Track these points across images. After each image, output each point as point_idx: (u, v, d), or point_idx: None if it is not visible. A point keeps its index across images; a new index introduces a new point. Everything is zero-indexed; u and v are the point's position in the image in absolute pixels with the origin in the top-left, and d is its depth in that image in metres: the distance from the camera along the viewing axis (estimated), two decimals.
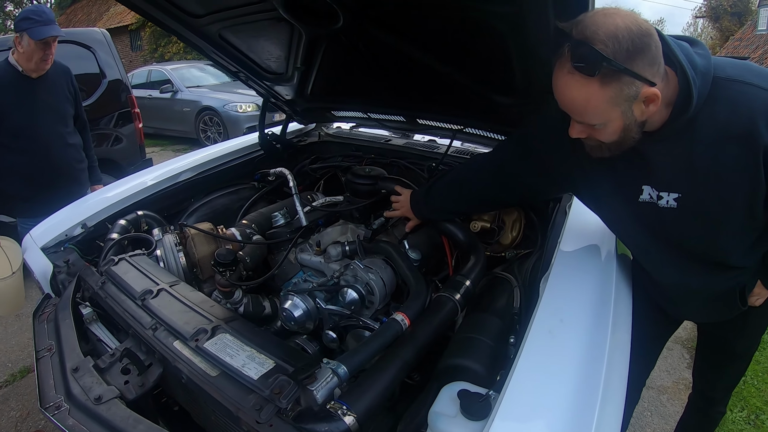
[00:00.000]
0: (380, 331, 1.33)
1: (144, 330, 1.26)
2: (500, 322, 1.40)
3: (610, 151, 1.17)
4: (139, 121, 4.52)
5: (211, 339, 1.18)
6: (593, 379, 1.06)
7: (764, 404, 3.16)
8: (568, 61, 1.00)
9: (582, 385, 1.05)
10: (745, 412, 3.07)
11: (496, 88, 1.78)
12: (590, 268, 1.52)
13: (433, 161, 2.47)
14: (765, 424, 2.99)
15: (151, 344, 1.22)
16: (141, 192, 2.14)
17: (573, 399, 1.01)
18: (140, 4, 1.73)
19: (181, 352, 1.17)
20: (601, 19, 0.97)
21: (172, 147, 9.14)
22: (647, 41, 0.98)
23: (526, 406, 0.99)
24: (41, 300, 1.60)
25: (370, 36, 1.67)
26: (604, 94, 1.01)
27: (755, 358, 3.60)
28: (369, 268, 1.64)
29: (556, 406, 0.99)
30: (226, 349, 1.15)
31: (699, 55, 1.08)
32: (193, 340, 1.18)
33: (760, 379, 3.39)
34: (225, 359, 1.12)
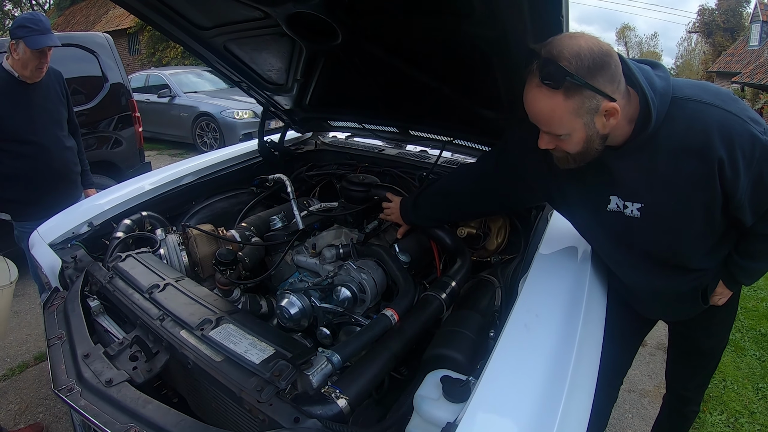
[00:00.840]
0: (371, 325, 1.43)
1: (152, 320, 1.35)
2: (481, 318, 1.51)
3: (575, 162, 1.28)
4: (139, 124, 4.60)
5: (216, 328, 1.29)
6: (563, 368, 1.17)
7: (743, 408, 3.26)
8: (536, 76, 1.12)
9: (553, 373, 1.15)
10: (724, 415, 3.17)
11: (482, 103, 1.90)
12: (565, 269, 1.65)
13: (424, 170, 2.59)
14: (744, 427, 3.09)
15: (159, 333, 1.32)
16: (145, 194, 2.23)
17: (544, 384, 1.11)
18: (152, 16, 1.84)
19: (187, 340, 1.27)
20: (567, 41, 1.10)
21: (169, 151, 9.21)
22: (607, 60, 1.10)
23: (501, 391, 1.09)
24: (50, 292, 1.68)
25: (366, 52, 1.79)
26: (567, 105, 1.12)
27: (736, 363, 3.75)
28: (361, 268, 1.75)
29: (528, 391, 1.09)
30: (229, 338, 1.25)
31: (659, 77, 1.21)
32: (199, 329, 1.29)
33: (740, 384, 3.50)
34: (229, 346, 1.22)
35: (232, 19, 1.83)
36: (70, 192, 2.75)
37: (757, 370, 3.72)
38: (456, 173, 1.98)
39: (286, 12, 1.64)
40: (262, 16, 1.71)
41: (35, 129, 2.56)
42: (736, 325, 4.27)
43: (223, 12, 1.81)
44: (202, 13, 1.85)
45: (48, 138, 2.62)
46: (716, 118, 1.17)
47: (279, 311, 1.77)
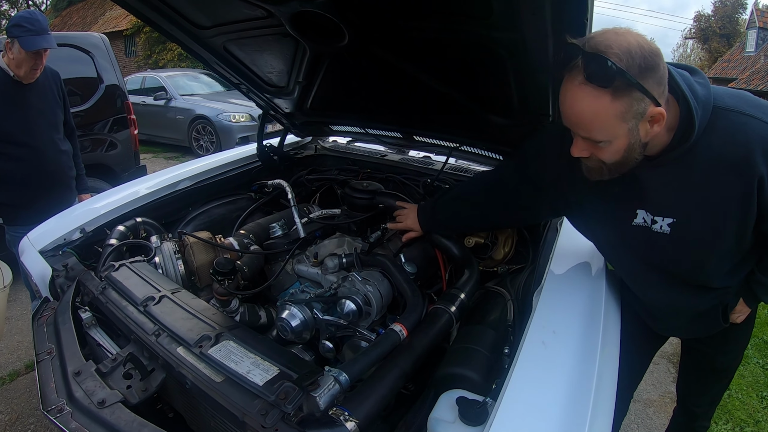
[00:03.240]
0: (379, 341, 1.36)
1: (147, 336, 1.28)
2: (495, 334, 1.45)
3: (609, 173, 1.19)
4: (134, 127, 4.52)
5: (216, 346, 1.21)
6: (585, 389, 1.12)
7: (748, 417, 3.24)
8: (580, 73, 1.01)
9: (574, 394, 1.10)
10: (729, 424, 3.14)
11: (493, 109, 1.84)
12: (580, 283, 1.60)
13: (428, 177, 2.53)
14: None
15: (155, 350, 1.24)
16: (140, 199, 2.16)
17: (566, 407, 1.06)
18: (149, 14, 1.77)
19: (185, 358, 1.20)
20: (613, 36, 1.00)
21: (164, 154, 9.13)
22: (657, 61, 1.01)
23: (522, 413, 1.04)
24: (40, 303, 1.61)
25: (373, 54, 1.72)
26: (614, 108, 1.02)
27: (740, 372, 3.71)
28: (367, 280, 1.67)
29: (550, 414, 1.04)
30: (230, 356, 1.18)
31: (699, 84, 1.13)
32: (197, 346, 1.21)
33: (744, 392, 3.48)
34: (230, 365, 1.15)
35: (233, 18, 1.76)
36: (64, 196, 2.67)
37: (761, 378, 3.71)
38: (475, 178, 1.91)
39: (291, 11, 1.57)
40: (265, 14, 1.65)
41: (30, 131, 2.49)
42: None
43: (224, 10, 1.75)
44: (201, 11, 1.78)
45: (43, 140, 2.54)
46: (759, 131, 1.09)
47: (280, 323, 1.70)
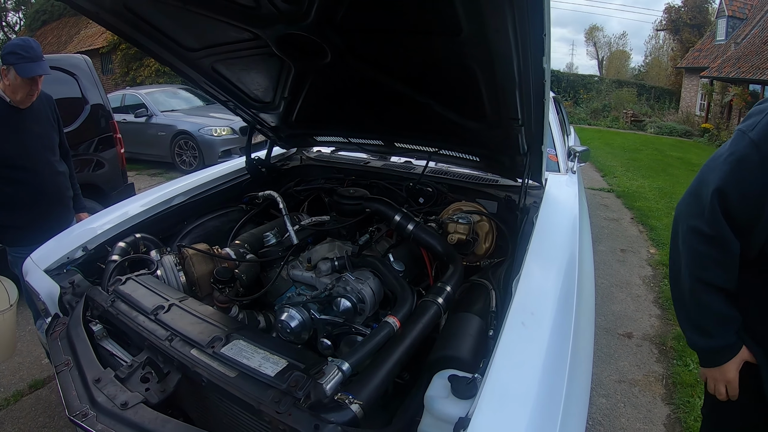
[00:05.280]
0: (375, 333, 1.48)
1: (160, 341, 1.38)
2: (480, 320, 1.59)
3: None
4: (121, 146, 4.58)
5: (227, 345, 1.33)
6: (561, 360, 1.27)
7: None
8: None
9: (552, 365, 1.25)
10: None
11: (467, 115, 1.97)
12: (555, 269, 1.76)
13: (410, 181, 2.66)
14: None
15: (169, 353, 1.35)
16: (137, 216, 2.25)
17: (544, 376, 1.21)
18: (141, 39, 1.88)
19: (199, 358, 1.30)
20: None
21: (148, 171, 9.12)
22: None
23: (506, 384, 1.16)
24: (51, 319, 1.69)
25: (354, 69, 1.85)
26: None
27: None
28: (359, 279, 1.80)
29: (531, 383, 1.18)
30: (241, 353, 1.29)
31: None
32: (210, 347, 1.32)
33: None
34: (242, 361, 1.26)
35: (221, 40, 1.87)
36: (63, 216, 2.75)
37: None
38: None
39: (277, 34, 1.69)
40: (252, 37, 1.76)
41: (28, 154, 2.55)
42: None
43: (213, 34, 1.86)
44: (191, 35, 1.89)
45: (40, 163, 2.61)
46: None
47: (279, 325, 1.80)
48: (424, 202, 2.59)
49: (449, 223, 2.21)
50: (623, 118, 21.34)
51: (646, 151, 13.42)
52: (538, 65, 1.38)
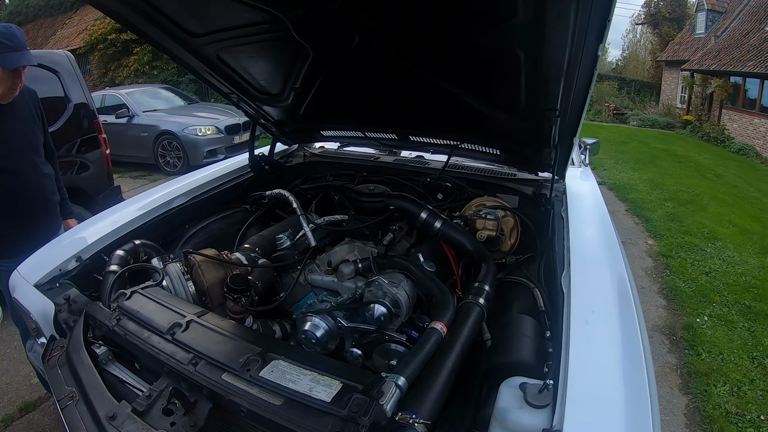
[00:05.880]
0: (423, 342, 1.33)
1: (183, 366, 1.19)
2: (533, 320, 1.49)
3: None
4: (106, 146, 4.32)
5: (266, 367, 1.15)
6: (636, 357, 1.20)
7: (743, 377, 3.45)
8: None
9: (630, 363, 1.18)
10: (727, 386, 3.35)
11: (498, 106, 1.85)
12: (603, 265, 1.68)
13: (428, 176, 2.52)
14: (747, 394, 3.28)
15: (196, 380, 1.16)
16: (134, 220, 2.05)
17: (627, 376, 1.14)
18: (138, 22, 1.68)
19: (233, 384, 1.12)
20: None
21: (131, 174, 8.80)
22: None
23: (589, 388, 1.08)
24: (47, 342, 1.49)
25: (381, 57, 1.69)
26: None
27: (728, 336, 3.95)
28: (393, 282, 1.64)
29: (616, 385, 1.12)
30: (285, 376, 1.12)
31: None
32: (245, 370, 1.14)
33: (736, 354, 3.70)
34: (288, 386, 1.09)
35: (231, 24, 1.69)
36: (50, 223, 2.48)
37: (749, 341, 3.94)
38: None
39: (301, 15, 1.52)
40: (269, 19, 1.58)
41: (10, 155, 2.28)
42: (722, 300, 4.53)
43: (222, 16, 1.67)
44: (196, 18, 1.71)
45: (24, 165, 2.34)
46: None
47: (303, 336, 1.65)
48: (443, 198, 2.46)
49: (476, 219, 2.09)
50: (606, 112, 21.56)
51: (632, 144, 13.53)
52: (591, 52, 1.28)
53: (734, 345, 3.84)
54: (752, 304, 4.48)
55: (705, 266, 5.28)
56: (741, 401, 3.20)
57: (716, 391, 3.26)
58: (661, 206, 7.52)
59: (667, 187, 8.74)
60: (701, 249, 5.75)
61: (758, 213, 7.62)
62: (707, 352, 3.71)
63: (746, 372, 3.51)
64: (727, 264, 5.38)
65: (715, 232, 6.37)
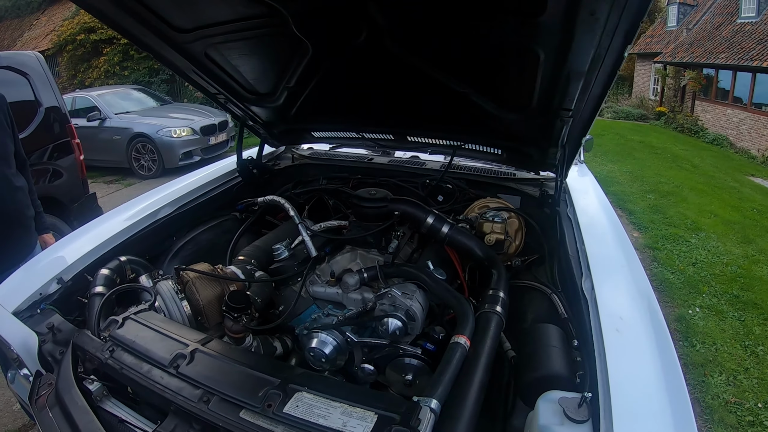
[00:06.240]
0: (449, 359, 1.24)
1: (193, 404, 1.07)
2: (559, 329, 1.42)
3: None
4: (80, 152, 4.09)
5: (289, 401, 1.03)
6: (672, 364, 1.18)
7: (738, 366, 3.51)
8: None
9: (668, 372, 1.15)
10: (723, 376, 3.39)
11: (507, 106, 1.77)
12: (622, 268, 1.63)
13: (426, 178, 2.42)
14: (743, 383, 3.32)
15: (210, 420, 1.04)
16: (119, 234, 1.88)
17: (667, 385, 1.10)
18: (120, 18, 1.54)
19: (255, 423, 1.01)
20: None
21: (104, 179, 8.48)
22: None
23: (632, 400, 1.06)
24: (33, 380, 1.33)
25: (387, 53, 1.58)
26: None
27: (719, 326, 4.00)
28: (405, 294, 1.54)
29: (659, 395, 1.08)
30: (312, 410, 1.01)
31: None
32: (266, 406, 1.02)
33: (729, 344, 3.76)
34: (318, 421, 0.99)
35: (221, 18, 1.56)
36: (25, 240, 2.31)
37: (740, 330, 4.00)
38: None
39: (304, 8, 1.40)
40: (267, 12, 1.45)
41: None
42: (710, 290, 4.57)
43: (212, 10, 1.55)
44: (184, 11, 1.57)
45: None
46: None
47: (311, 353, 1.55)
48: (443, 200, 2.37)
49: (483, 222, 2.00)
50: None
51: (608, 136, 13.65)
52: (617, 53, 1.21)
53: (726, 335, 3.88)
54: (740, 294, 4.55)
55: (691, 257, 5.34)
56: (738, 390, 3.24)
57: (713, 381, 3.30)
58: (642, 198, 7.60)
59: (647, 179, 8.84)
60: (686, 240, 5.82)
61: (737, 203, 7.78)
62: (701, 343, 3.74)
63: (740, 361, 3.56)
64: (712, 254, 5.45)
65: (698, 222, 6.46)
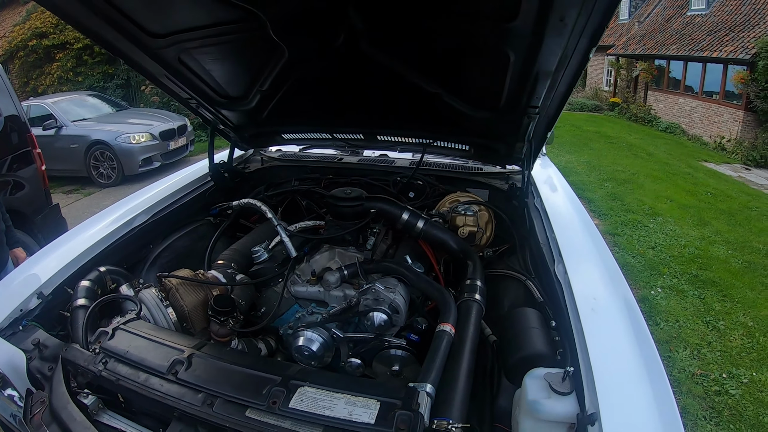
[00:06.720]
0: (436, 345, 1.32)
1: (197, 408, 1.09)
2: (537, 312, 1.51)
3: None
4: (41, 162, 3.95)
5: (293, 397, 1.08)
6: (647, 340, 1.27)
7: (701, 340, 3.74)
8: None
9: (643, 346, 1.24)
10: (687, 350, 3.60)
11: (477, 104, 1.84)
12: (592, 252, 1.74)
13: (397, 175, 2.48)
14: (707, 356, 3.54)
15: (216, 422, 1.06)
16: (96, 245, 1.86)
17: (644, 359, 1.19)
18: (92, 23, 1.53)
19: (263, 421, 1.05)
20: None
21: (62, 188, 8.17)
22: None
23: (613, 373, 1.14)
24: (25, 399, 1.31)
25: (363, 56, 1.62)
26: None
27: (681, 305, 4.22)
28: (389, 288, 1.60)
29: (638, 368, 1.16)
30: (317, 403, 1.06)
31: None
32: (271, 403, 1.06)
33: (691, 321, 3.99)
34: (324, 413, 1.04)
35: (197, 23, 1.57)
36: None
37: (701, 307, 4.25)
38: None
39: (283, 12, 1.43)
40: (244, 17, 1.48)
41: None
42: (670, 272, 4.80)
43: (189, 15, 1.55)
44: (158, 16, 1.57)
45: None
46: None
47: (297, 353, 1.59)
48: (414, 197, 2.44)
49: (456, 216, 2.08)
50: None
51: (565, 128, 14.00)
52: (582, 54, 1.31)
53: (688, 312, 4.10)
54: (699, 273, 4.80)
55: (650, 241, 5.59)
56: (703, 363, 3.44)
57: (679, 356, 3.49)
58: (600, 187, 7.87)
59: (604, 168, 9.16)
60: (644, 225, 6.07)
61: (691, 187, 8.16)
62: (665, 321, 3.94)
63: (703, 336, 3.77)
64: (670, 237, 5.71)
65: (655, 208, 6.75)
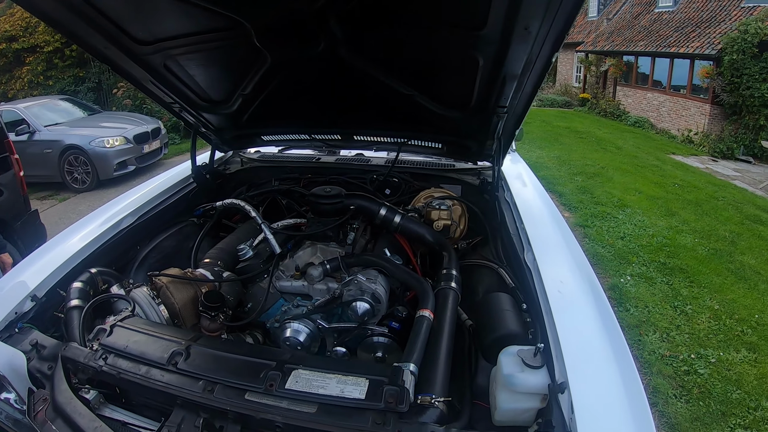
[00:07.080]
0: (417, 330, 1.43)
1: (199, 394, 1.17)
2: (509, 296, 1.65)
3: None
4: (19, 168, 3.95)
5: (288, 379, 1.17)
6: (610, 318, 1.40)
7: (669, 324, 3.93)
8: None
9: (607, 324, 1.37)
10: (657, 334, 3.79)
11: (449, 105, 1.96)
12: (559, 240, 1.88)
13: (374, 174, 2.59)
14: (676, 339, 3.73)
15: (218, 406, 1.15)
16: (86, 247, 1.92)
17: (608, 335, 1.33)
18: (81, 31, 1.59)
19: (261, 402, 1.14)
20: None
21: (37, 194, 8.03)
22: None
23: (579, 346, 1.27)
24: (28, 397, 1.37)
25: (341, 61, 1.72)
26: None
27: (650, 291, 4.43)
28: (370, 279, 1.71)
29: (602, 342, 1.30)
30: (311, 383, 1.16)
31: None
32: (268, 385, 1.16)
33: (660, 306, 4.18)
34: (318, 392, 1.14)
35: (183, 31, 1.65)
36: None
37: (669, 293, 4.46)
38: None
39: (268, 21, 1.52)
40: (229, 26, 1.56)
41: None
42: (639, 260, 4.99)
43: (175, 23, 1.63)
44: (145, 24, 1.64)
45: None
46: None
47: (287, 343, 1.68)
48: (391, 193, 2.54)
49: (431, 210, 2.19)
50: None
51: (535, 124, 14.25)
52: (546, 58, 1.42)
53: (657, 298, 4.30)
54: (666, 261, 5.01)
55: (620, 232, 5.80)
56: (672, 345, 3.63)
57: (648, 339, 3.67)
58: (570, 180, 8.07)
59: (574, 162, 9.38)
60: (614, 216, 6.29)
61: (659, 179, 8.43)
62: (635, 307, 4.12)
63: (671, 320, 3.97)
64: (638, 228, 5.93)
65: (624, 200, 6.98)
